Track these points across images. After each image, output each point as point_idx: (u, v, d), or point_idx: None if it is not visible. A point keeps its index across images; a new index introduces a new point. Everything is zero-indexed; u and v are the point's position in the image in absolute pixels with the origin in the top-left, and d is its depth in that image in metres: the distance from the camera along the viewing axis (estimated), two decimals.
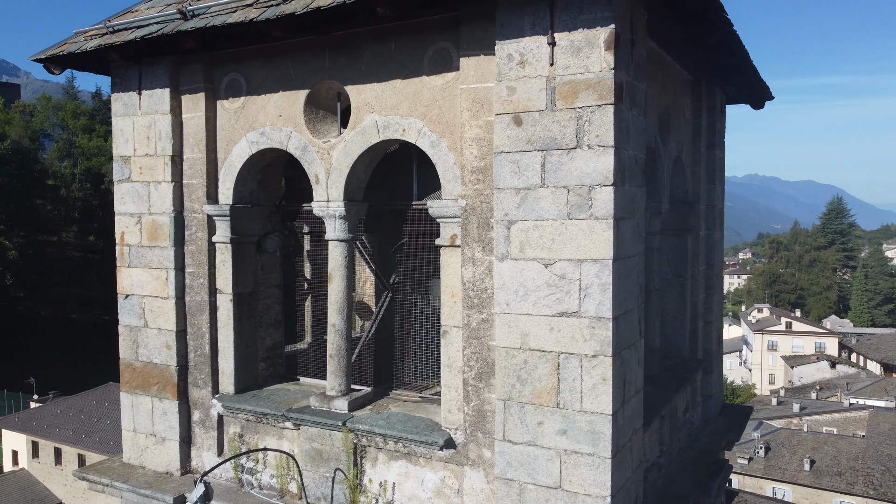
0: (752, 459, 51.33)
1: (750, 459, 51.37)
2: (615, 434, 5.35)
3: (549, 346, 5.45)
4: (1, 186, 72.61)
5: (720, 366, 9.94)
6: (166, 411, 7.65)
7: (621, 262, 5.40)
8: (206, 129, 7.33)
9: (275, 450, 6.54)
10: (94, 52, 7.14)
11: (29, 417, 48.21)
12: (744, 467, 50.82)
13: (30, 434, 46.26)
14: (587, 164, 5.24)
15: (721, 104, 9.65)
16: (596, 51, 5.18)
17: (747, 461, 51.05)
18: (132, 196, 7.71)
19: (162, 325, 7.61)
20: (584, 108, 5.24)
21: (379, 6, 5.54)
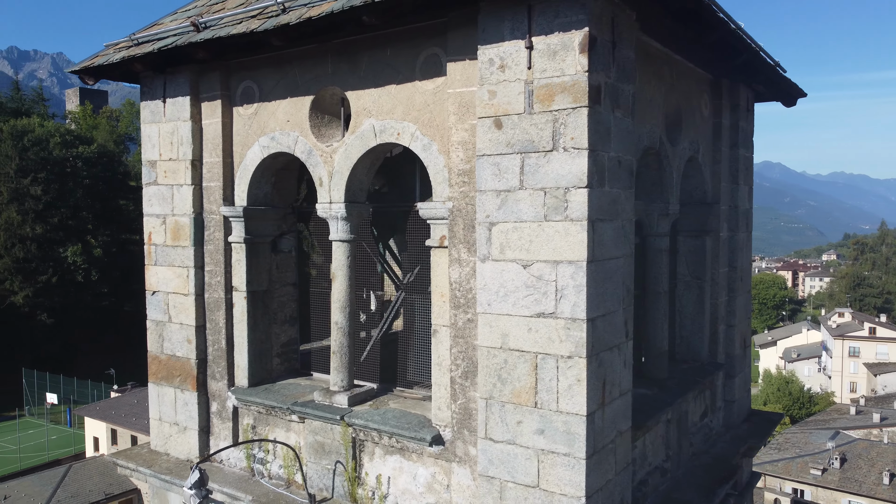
0: (826, 471, 49.15)
1: (824, 471, 49.21)
2: (592, 435, 5.37)
3: (528, 347, 5.52)
4: (88, 188, 77.00)
5: (745, 370, 9.68)
6: (187, 402, 8.08)
7: (599, 264, 5.41)
8: (222, 135, 7.71)
9: (264, 440, 6.84)
10: (120, 64, 7.62)
11: (109, 406, 50.97)
12: (817, 478, 48.73)
13: (109, 422, 48.92)
14: (563, 167, 5.28)
15: (748, 102, 9.40)
16: (571, 54, 5.22)
17: (821, 472, 48.93)
18: (158, 198, 8.18)
19: (183, 320, 8.05)
20: (559, 110, 5.28)
21: (364, 15, 5.73)
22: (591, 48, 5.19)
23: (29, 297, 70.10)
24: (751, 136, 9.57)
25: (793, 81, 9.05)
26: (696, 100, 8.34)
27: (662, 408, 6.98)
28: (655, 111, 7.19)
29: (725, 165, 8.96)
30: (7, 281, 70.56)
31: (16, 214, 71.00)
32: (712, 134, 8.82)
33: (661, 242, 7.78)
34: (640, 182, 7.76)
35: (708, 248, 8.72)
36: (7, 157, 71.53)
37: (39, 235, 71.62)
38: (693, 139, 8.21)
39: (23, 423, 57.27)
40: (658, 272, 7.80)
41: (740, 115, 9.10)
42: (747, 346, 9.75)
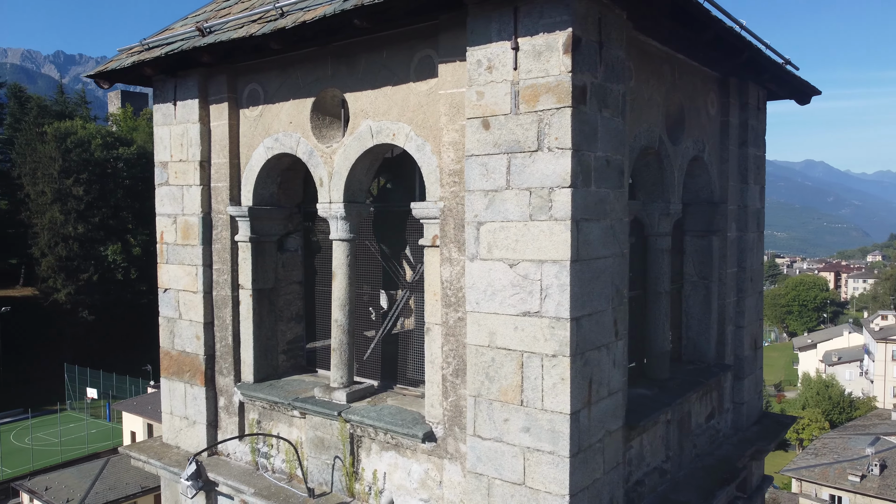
0: (864, 477, 47.89)
1: (863, 477, 47.96)
2: (576, 434, 5.40)
3: (514, 345, 5.57)
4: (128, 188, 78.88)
5: (756, 372, 9.55)
6: (196, 397, 8.30)
7: (585, 264, 5.43)
8: (229, 136, 7.90)
9: (264, 433, 6.98)
10: (132, 68, 7.87)
11: (145, 402, 52.12)
12: (855, 485, 47.53)
13: (146, 417, 50.01)
14: (547, 167, 5.32)
15: (759, 101, 9.27)
16: (555, 54, 5.25)
17: (859, 479, 47.69)
18: (169, 198, 8.42)
19: (192, 317, 8.27)
20: (544, 111, 5.32)
21: (355, 18, 5.84)
22: (575, 49, 5.22)
23: (71, 294, 72.09)
24: (762, 135, 9.44)
25: (803, 79, 8.91)
26: (702, 98, 8.27)
27: (659, 408, 6.95)
28: (655, 110, 7.16)
29: (734, 164, 8.86)
30: (51, 279, 72.67)
31: (59, 214, 73.06)
32: (720, 133, 8.73)
33: (662, 242, 7.74)
34: (640, 181, 7.74)
35: (715, 248, 8.63)
36: (51, 158, 73.65)
37: (81, 235, 73.57)
38: (698, 138, 8.14)
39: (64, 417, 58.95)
40: (659, 272, 7.76)
41: (750, 113, 8.98)
42: (758, 347, 9.62)
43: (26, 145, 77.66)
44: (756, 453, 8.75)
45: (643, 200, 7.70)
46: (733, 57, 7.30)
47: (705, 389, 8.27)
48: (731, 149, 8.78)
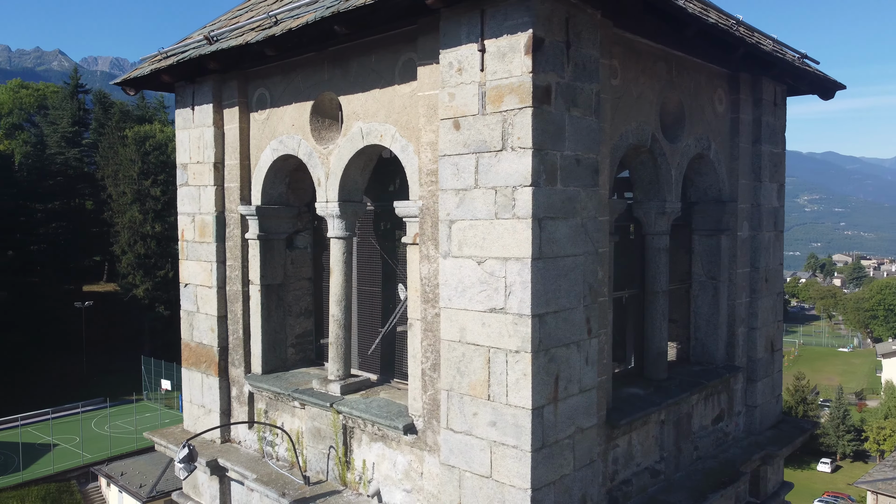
0: None
1: None
2: (540, 429, 5.47)
3: (482, 341, 5.69)
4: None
5: (773, 375, 9.30)
6: (211, 386, 8.74)
7: (549, 262, 5.50)
8: (240, 139, 8.29)
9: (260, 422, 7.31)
10: (151, 75, 8.37)
11: None
12: None
13: None
14: (511, 166, 5.42)
15: (775, 97, 9.03)
16: (517, 55, 5.35)
17: None
18: (188, 198, 8.89)
19: (208, 310, 8.72)
20: (508, 111, 5.42)
21: (336, 25, 6.08)
22: (537, 49, 5.30)
23: (148, 290, 75.63)
24: (780, 132, 9.19)
25: (820, 73, 8.65)
26: (707, 95, 8.14)
27: (647, 408, 6.91)
28: (647, 108, 7.11)
29: (745, 162, 8.67)
30: (130, 275, 76.45)
31: (138, 214, 76.77)
32: (729, 130, 8.56)
33: (660, 241, 7.67)
34: (636, 180, 7.70)
35: (723, 248, 8.47)
36: (131, 160, 77.48)
37: (158, 233, 77.02)
38: (701, 136, 8.02)
39: (140, 407, 61.91)
40: (656, 271, 7.69)
41: (764, 109, 8.76)
42: (776, 349, 9.37)
43: (109, 148, 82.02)
44: (766, 458, 8.55)
45: (640, 199, 7.66)
46: (728, 53, 7.17)
47: (709, 391, 8.14)
48: (742, 146, 8.59)
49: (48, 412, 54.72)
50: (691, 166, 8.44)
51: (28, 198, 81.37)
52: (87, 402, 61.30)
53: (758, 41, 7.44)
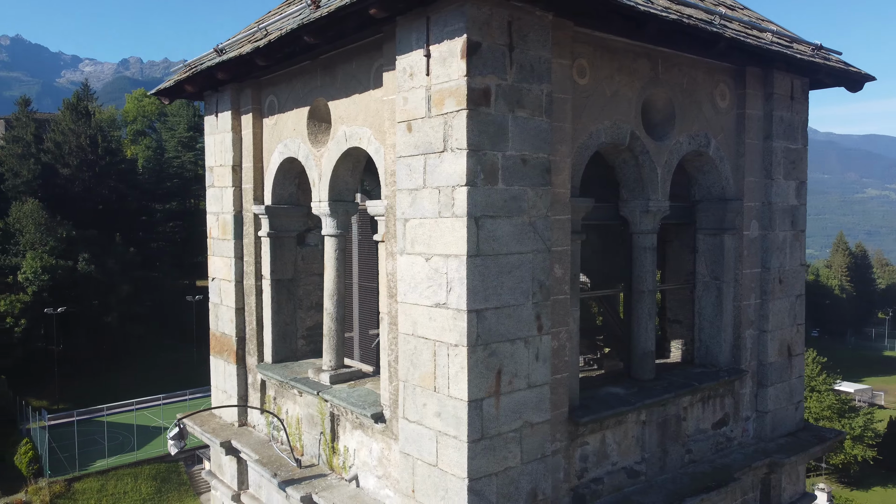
0: None
1: None
2: (478, 421, 5.65)
3: (429, 335, 5.92)
4: None
5: (790, 381, 8.90)
6: (230, 373, 9.41)
7: (490, 259, 5.66)
8: (253, 143, 8.89)
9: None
10: (176, 86, 9.12)
11: None
12: None
13: None
14: (451, 166, 5.63)
15: (792, 91, 8.65)
16: (455, 60, 5.55)
17: None
18: (214, 199, 9.60)
19: (229, 302, 9.38)
20: (448, 113, 5.64)
21: (305, 35, 6.49)
22: (473, 53, 5.48)
23: None
24: (798, 127, 8.79)
25: (836, 65, 8.22)
26: (705, 91, 7.95)
27: (617, 407, 6.89)
28: (624, 106, 7.08)
29: (754, 159, 8.38)
30: None
31: None
32: (735, 126, 8.30)
33: (645, 240, 7.58)
34: (622, 179, 7.65)
35: (727, 247, 8.24)
36: None
37: None
38: (697, 133, 7.85)
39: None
40: (642, 270, 7.61)
41: (777, 104, 8.43)
42: (794, 354, 8.97)
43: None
44: (773, 465, 8.25)
45: (625, 197, 7.61)
46: (708, 47, 7.01)
47: (705, 394, 7.96)
48: (749, 143, 8.31)
49: (160, 398, 58.82)
50: (692, 164, 8.28)
51: (149, 199, 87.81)
52: (195, 390, 65.43)
53: (743, 35, 7.21)
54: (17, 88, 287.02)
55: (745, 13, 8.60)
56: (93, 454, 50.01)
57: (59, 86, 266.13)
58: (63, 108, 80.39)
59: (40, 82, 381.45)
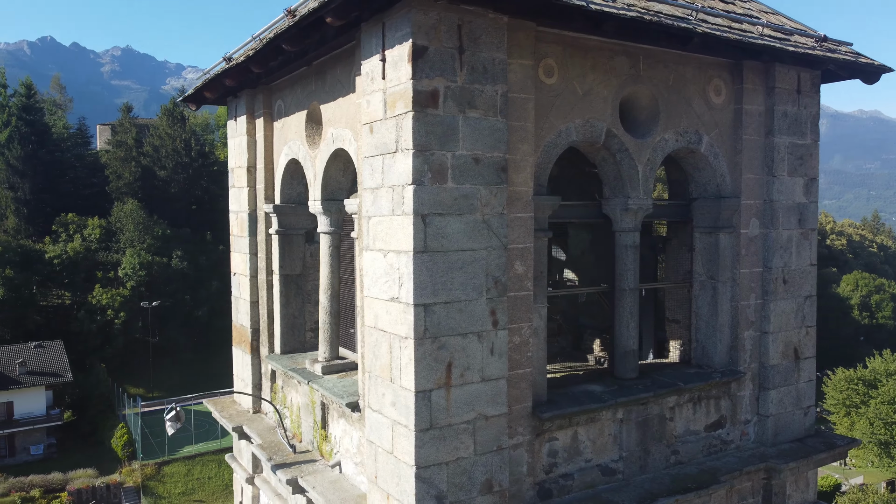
0: None
1: None
2: (426, 411, 5.86)
3: (387, 327, 6.19)
4: None
5: (797, 384, 8.58)
6: (247, 363, 9.97)
7: (439, 255, 5.86)
8: (264, 145, 9.40)
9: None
10: (197, 94, 9.75)
11: None
12: None
13: None
14: (401, 166, 5.87)
15: (800, 84, 8.34)
16: (403, 64, 5.78)
17: None
18: (234, 198, 10.20)
19: (245, 296, 9.95)
20: (399, 115, 5.88)
21: (283, 44, 6.88)
22: (418, 57, 5.70)
23: None
24: (808, 121, 8.46)
25: (843, 57, 7.89)
26: (697, 86, 7.81)
27: (586, 403, 6.92)
28: (598, 104, 7.08)
29: (752, 156, 8.16)
30: None
31: None
32: (732, 121, 8.11)
33: (626, 238, 7.54)
34: (603, 177, 7.64)
35: (723, 246, 8.07)
36: None
37: None
38: (685, 130, 7.73)
39: None
40: (623, 268, 7.57)
41: (780, 98, 8.17)
42: (803, 357, 8.65)
43: None
44: (771, 471, 8.01)
45: (607, 195, 7.61)
46: (683, 43, 6.93)
47: (696, 395, 7.84)
48: (748, 139, 8.10)
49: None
50: (687, 161, 8.17)
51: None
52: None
53: (724, 29, 7.05)
54: (128, 96, 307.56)
55: (747, 6, 8.37)
56: (181, 440, 52.88)
57: (165, 92, 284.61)
58: (161, 113, 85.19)
59: (147, 90, 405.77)
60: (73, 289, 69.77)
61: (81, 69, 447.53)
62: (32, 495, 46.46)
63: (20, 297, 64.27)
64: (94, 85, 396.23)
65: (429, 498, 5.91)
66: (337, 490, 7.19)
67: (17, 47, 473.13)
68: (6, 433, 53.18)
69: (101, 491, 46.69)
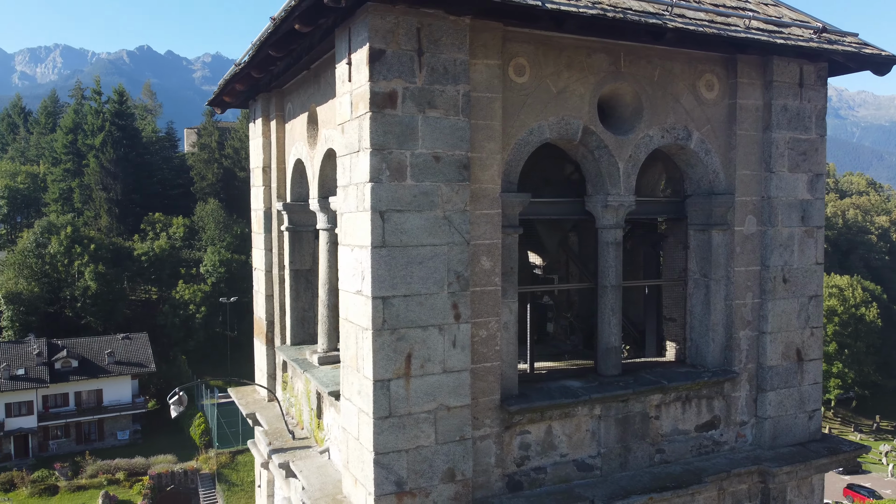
0: None
1: None
2: (385, 400, 6.10)
3: (354, 319, 6.47)
4: None
5: (799, 387, 8.30)
6: (263, 353, 10.49)
7: (398, 250, 6.09)
8: (277, 146, 9.87)
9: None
10: (218, 98, 10.33)
11: None
12: None
13: None
14: (363, 164, 6.14)
15: (803, 77, 8.09)
16: (363, 66, 6.05)
17: None
18: (254, 197, 10.74)
19: (262, 290, 10.46)
20: (361, 116, 6.15)
21: (270, 50, 7.27)
22: (376, 60, 5.94)
23: None
24: (810, 115, 8.19)
25: (843, 48, 7.61)
26: (686, 82, 7.71)
27: (557, 399, 6.98)
28: (575, 102, 7.12)
29: (750, 151, 7.97)
30: None
31: None
32: (726, 117, 7.95)
33: (608, 235, 7.53)
34: (586, 174, 7.67)
35: (716, 244, 7.94)
36: None
37: None
38: (672, 126, 7.65)
39: None
40: (605, 265, 7.57)
41: (778, 91, 7.95)
42: (807, 359, 8.37)
43: None
44: (764, 475, 7.84)
45: (590, 192, 7.63)
46: (656, 39, 6.89)
47: (684, 394, 7.75)
48: (742, 134, 7.93)
49: None
50: (679, 158, 8.09)
51: None
52: None
53: (699, 23, 6.94)
54: None
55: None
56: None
57: None
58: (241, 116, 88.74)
59: None
60: (159, 284, 73.68)
61: (174, 75, 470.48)
62: (118, 477, 49.47)
63: (111, 291, 68.40)
64: (186, 90, 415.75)
65: (388, 483, 6.15)
66: (321, 475, 7.53)
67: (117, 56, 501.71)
68: (96, 418, 56.79)
69: (179, 476, 49.18)
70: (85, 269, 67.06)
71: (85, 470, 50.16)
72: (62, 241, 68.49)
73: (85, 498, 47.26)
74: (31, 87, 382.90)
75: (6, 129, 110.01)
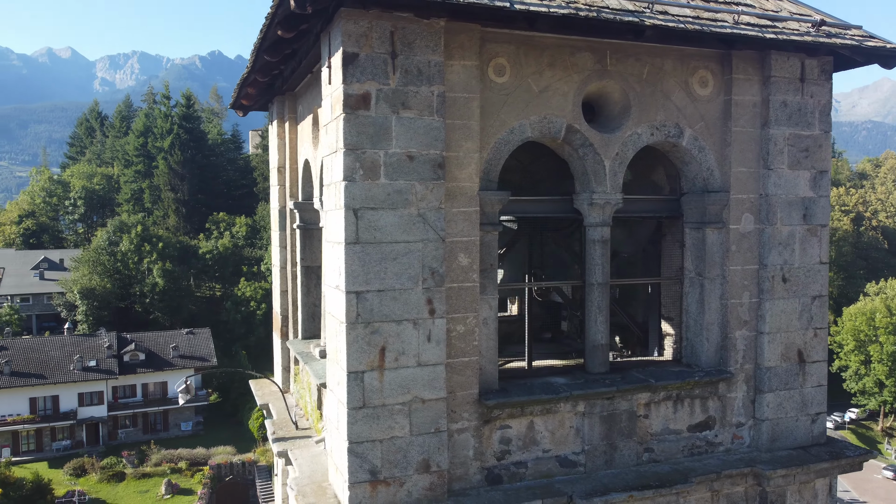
0: None
1: None
2: (358, 391, 6.32)
3: (335, 313, 6.72)
4: None
5: (801, 389, 8.09)
6: (279, 347, 10.89)
7: (372, 246, 6.30)
8: (290, 147, 10.25)
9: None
10: (236, 101, 10.78)
11: None
12: None
13: None
14: (339, 164, 6.38)
15: (804, 72, 7.89)
16: (338, 69, 6.29)
17: None
18: (272, 196, 11.15)
19: (278, 286, 10.87)
20: (337, 118, 6.39)
21: (265, 56, 7.60)
22: (349, 63, 6.17)
23: None
24: (812, 111, 7.98)
25: (842, 41, 7.40)
26: (678, 79, 7.65)
27: (537, 394, 7.05)
28: (558, 100, 7.17)
29: (746, 148, 7.84)
30: None
31: None
32: (721, 113, 7.84)
33: (595, 233, 7.54)
34: (572, 171, 7.70)
35: (710, 242, 7.84)
36: None
37: None
38: (662, 123, 7.59)
39: None
40: (592, 263, 7.58)
41: (776, 87, 7.78)
42: (809, 361, 8.16)
43: None
44: (758, 477, 7.71)
45: (577, 190, 7.66)
46: (636, 36, 6.87)
47: (675, 393, 7.70)
48: (738, 131, 7.81)
49: None
50: (673, 155, 8.03)
51: None
52: None
53: (682, 19, 6.87)
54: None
55: None
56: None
57: None
58: None
59: None
60: (223, 281, 76.21)
61: None
62: (180, 467, 51.49)
63: (178, 288, 71.16)
64: None
65: (362, 471, 6.37)
66: (313, 463, 7.82)
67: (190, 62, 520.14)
68: (161, 409, 59.21)
69: (237, 467, 50.82)
70: (153, 266, 70.07)
71: (150, 458, 52.45)
72: (133, 240, 71.73)
73: (149, 485, 49.43)
74: (110, 93, 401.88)
75: (84, 133, 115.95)
